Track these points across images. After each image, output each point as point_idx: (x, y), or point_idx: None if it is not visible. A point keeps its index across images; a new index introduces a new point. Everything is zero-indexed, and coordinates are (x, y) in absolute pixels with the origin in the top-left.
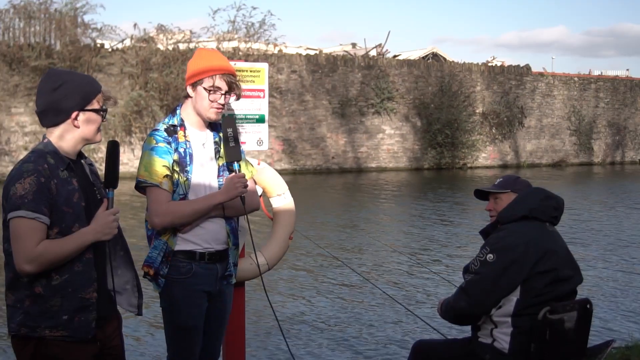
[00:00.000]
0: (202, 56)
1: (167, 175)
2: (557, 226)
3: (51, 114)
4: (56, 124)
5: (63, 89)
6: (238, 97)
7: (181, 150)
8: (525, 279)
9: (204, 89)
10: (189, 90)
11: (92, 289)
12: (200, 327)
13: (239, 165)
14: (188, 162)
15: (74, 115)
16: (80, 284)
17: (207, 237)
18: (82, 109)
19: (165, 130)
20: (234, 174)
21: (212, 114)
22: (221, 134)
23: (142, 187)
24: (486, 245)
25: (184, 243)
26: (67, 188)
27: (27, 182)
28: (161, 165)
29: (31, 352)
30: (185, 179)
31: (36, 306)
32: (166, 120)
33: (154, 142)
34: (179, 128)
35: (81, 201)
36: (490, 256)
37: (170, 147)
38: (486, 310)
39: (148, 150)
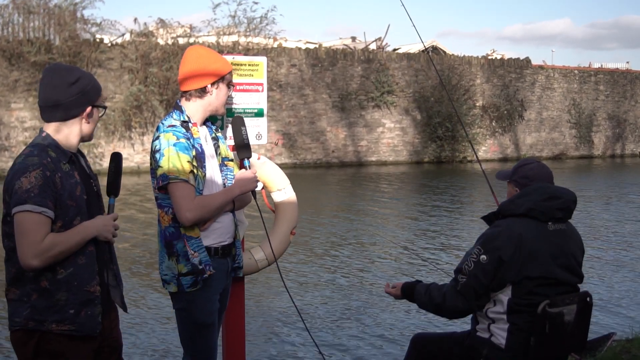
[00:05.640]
0: (214, 55)
1: (191, 171)
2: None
3: (63, 108)
4: (67, 118)
5: (80, 83)
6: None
7: (197, 146)
8: (514, 281)
9: (226, 85)
10: (210, 88)
11: (95, 282)
12: (216, 323)
13: (249, 162)
14: (204, 158)
15: (88, 110)
16: (84, 277)
17: (222, 231)
18: (93, 104)
19: (181, 126)
20: (246, 170)
21: (224, 108)
22: (216, 131)
23: (167, 183)
24: (479, 245)
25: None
26: (70, 181)
27: (33, 176)
28: (186, 161)
29: (34, 346)
30: (203, 174)
31: (43, 300)
32: (175, 116)
33: (175, 138)
34: (190, 124)
35: (83, 194)
36: (483, 257)
37: (190, 142)
38: (482, 307)
39: (170, 146)
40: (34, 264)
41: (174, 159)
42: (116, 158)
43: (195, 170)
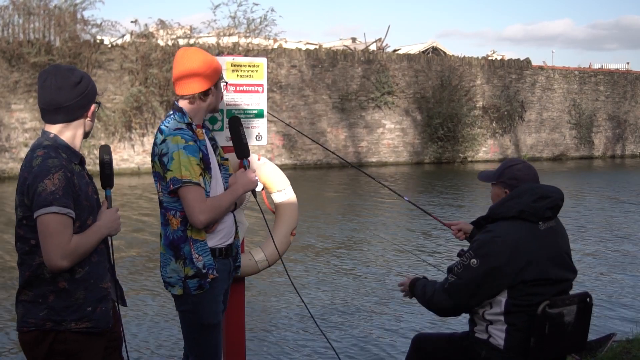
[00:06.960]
0: (207, 55)
1: (201, 174)
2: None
3: (67, 110)
4: (71, 119)
5: (83, 83)
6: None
7: (203, 148)
8: (510, 285)
9: (221, 82)
10: (213, 90)
11: (108, 279)
12: (221, 323)
13: (248, 162)
14: (209, 160)
15: (93, 108)
16: (99, 274)
17: (225, 231)
18: (94, 102)
19: (187, 128)
20: (246, 169)
21: (220, 105)
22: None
23: (179, 187)
24: (470, 249)
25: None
26: (83, 181)
27: (56, 178)
28: (195, 163)
29: (48, 347)
30: (210, 176)
31: (61, 300)
32: (178, 118)
33: (184, 141)
34: (195, 126)
35: (94, 194)
36: (473, 261)
37: (197, 145)
38: (469, 309)
39: (180, 149)
40: (64, 264)
41: (185, 162)
42: (109, 151)
43: (203, 173)
